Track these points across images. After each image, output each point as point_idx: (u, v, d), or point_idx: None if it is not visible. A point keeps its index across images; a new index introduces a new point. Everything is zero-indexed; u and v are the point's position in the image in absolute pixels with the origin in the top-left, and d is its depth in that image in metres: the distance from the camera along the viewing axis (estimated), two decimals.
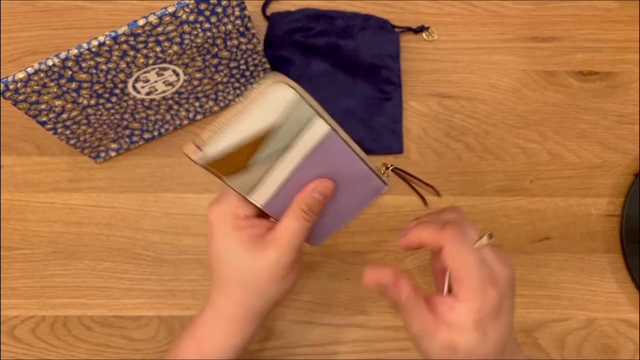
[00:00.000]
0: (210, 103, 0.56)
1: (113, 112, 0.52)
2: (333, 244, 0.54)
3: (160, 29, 0.45)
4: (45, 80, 0.45)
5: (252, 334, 0.40)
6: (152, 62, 0.48)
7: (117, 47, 0.44)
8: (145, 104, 0.53)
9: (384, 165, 0.40)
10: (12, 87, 0.44)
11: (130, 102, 0.51)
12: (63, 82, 0.46)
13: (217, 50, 0.50)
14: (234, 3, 0.46)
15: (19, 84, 0.44)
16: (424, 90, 0.58)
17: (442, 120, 0.58)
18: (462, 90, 0.58)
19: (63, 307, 0.54)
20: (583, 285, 0.54)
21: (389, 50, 0.58)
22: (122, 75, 0.48)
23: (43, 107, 0.47)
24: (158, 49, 0.47)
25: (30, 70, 0.44)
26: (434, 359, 0.37)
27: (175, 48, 0.47)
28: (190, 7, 0.44)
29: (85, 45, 0.44)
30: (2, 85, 0.43)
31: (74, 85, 0.46)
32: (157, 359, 0.53)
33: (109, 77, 0.47)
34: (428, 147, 0.57)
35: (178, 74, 0.51)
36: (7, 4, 0.60)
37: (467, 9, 0.60)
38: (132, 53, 0.46)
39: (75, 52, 0.44)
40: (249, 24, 0.49)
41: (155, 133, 0.57)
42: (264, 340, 0.53)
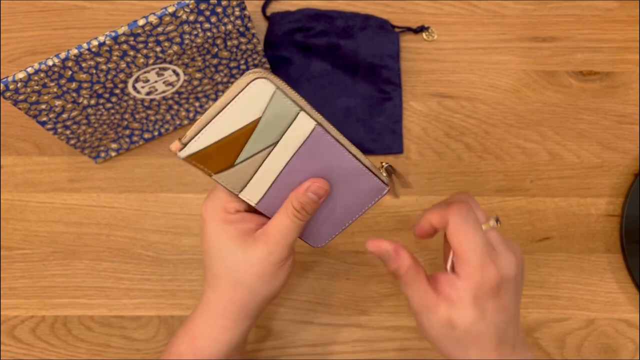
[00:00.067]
0: (211, 103, 0.56)
1: (113, 112, 0.52)
2: (333, 244, 0.54)
3: (160, 29, 0.45)
4: (45, 80, 0.45)
5: (244, 330, 0.40)
6: (152, 62, 0.48)
7: (117, 47, 0.44)
8: (145, 104, 0.53)
9: (381, 164, 0.40)
10: (12, 87, 0.44)
11: (130, 102, 0.51)
12: (63, 82, 0.46)
13: (217, 50, 0.50)
14: (234, 3, 0.46)
15: (19, 84, 0.44)
16: (424, 90, 0.58)
17: (442, 120, 0.58)
18: (462, 90, 0.58)
19: (63, 307, 0.54)
20: (583, 285, 0.54)
21: (389, 50, 0.58)
22: (122, 75, 0.48)
23: (43, 107, 0.47)
24: (158, 49, 0.47)
25: (30, 70, 0.44)
26: (434, 336, 0.37)
27: (175, 48, 0.47)
28: (190, 7, 0.44)
29: (85, 45, 0.44)
30: (2, 85, 0.43)
31: (74, 85, 0.46)
32: (157, 359, 0.53)
33: (109, 77, 0.47)
34: (428, 147, 0.57)
35: (178, 74, 0.51)
36: (7, 4, 0.60)
37: (467, 9, 0.60)
38: (132, 53, 0.46)
39: (75, 52, 0.44)
40: (249, 24, 0.49)
41: (155, 133, 0.57)
42: (264, 340, 0.53)
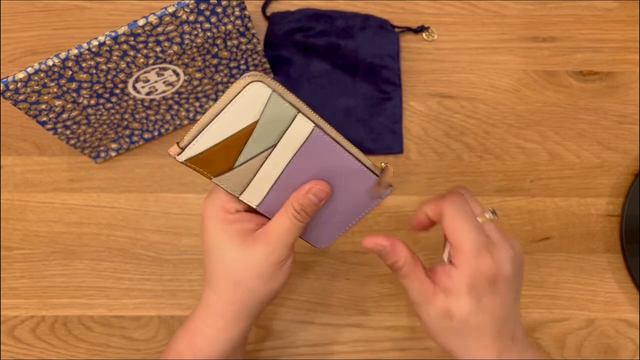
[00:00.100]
0: (211, 103, 0.56)
1: (113, 112, 0.52)
2: (333, 244, 0.53)
3: (160, 29, 0.45)
4: (46, 80, 0.45)
5: (244, 330, 0.40)
6: (152, 62, 0.48)
7: (117, 47, 0.44)
8: (146, 104, 0.53)
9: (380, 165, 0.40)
10: (12, 87, 0.44)
11: (131, 102, 0.51)
12: (63, 82, 0.46)
13: (217, 50, 0.50)
14: (234, 3, 0.46)
15: (19, 84, 0.44)
16: (424, 90, 0.58)
17: (442, 120, 0.58)
18: (462, 90, 0.58)
19: (63, 307, 0.54)
20: (583, 285, 0.54)
21: (389, 50, 0.58)
22: (122, 75, 0.48)
23: (43, 107, 0.47)
24: (158, 49, 0.47)
25: (30, 70, 0.44)
26: (433, 329, 0.37)
27: (175, 48, 0.47)
28: (190, 7, 0.44)
29: (85, 45, 0.44)
30: (2, 85, 0.43)
31: (74, 85, 0.46)
32: (157, 359, 0.53)
33: (109, 77, 0.47)
34: (428, 147, 0.57)
35: (178, 74, 0.51)
36: (7, 4, 0.60)
37: (467, 9, 0.60)
38: (132, 53, 0.46)
39: (75, 52, 0.44)
40: (249, 24, 0.49)
41: (156, 133, 0.57)
42: (264, 340, 0.53)
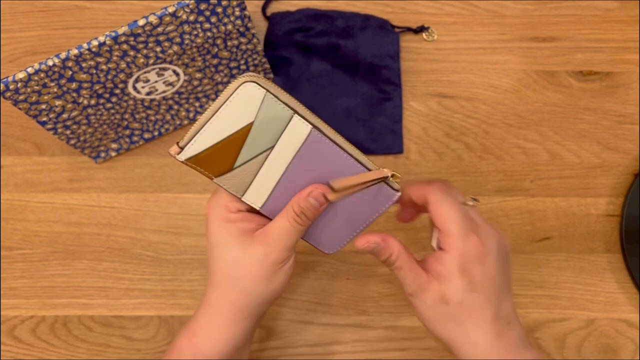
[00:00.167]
0: (210, 103, 0.56)
1: (113, 112, 0.52)
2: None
3: (161, 29, 0.45)
4: (46, 80, 0.45)
5: (245, 330, 0.40)
6: (152, 62, 0.48)
7: (117, 47, 0.44)
8: (146, 104, 0.53)
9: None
10: (12, 87, 0.44)
11: (131, 102, 0.51)
12: (63, 82, 0.46)
13: (217, 51, 0.50)
14: (234, 3, 0.46)
15: (19, 84, 0.44)
16: (424, 90, 0.58)
17: (442, 120, 0.58)
18: (462, 90, 0.58)
19: (63, 307, 0.54)
20: (583, 285, 0.54)
21: (389, 50, 0.58)
22: (122, 75, 0.48)
23: (43, 107, 0.47)
24: (158, 49, 0.47)
25: (31, 70, 0.44)
26: (431, 319, 0.37)
27: (176, 48, 0.47)
28: (191, 7, 0.44)
29: (86, 45, 0.44)
30: (2, 85, 0.43)
31: (74, 85, 0.46)
32: (157, 359, 0.53)
33: (109, 77, 0.47)
34: (428, 147, 0.57)
35: (178, 74, 0.51)
36: (7, 4, 0.60)
37: (467, 9, 0.60)
38: (132, 53, 0.46)
39: (76, 52, 0.44)
40: (249, 24, 0.49)
41: (156, 133, 0.57)
42: (264, 340, 0.53)
